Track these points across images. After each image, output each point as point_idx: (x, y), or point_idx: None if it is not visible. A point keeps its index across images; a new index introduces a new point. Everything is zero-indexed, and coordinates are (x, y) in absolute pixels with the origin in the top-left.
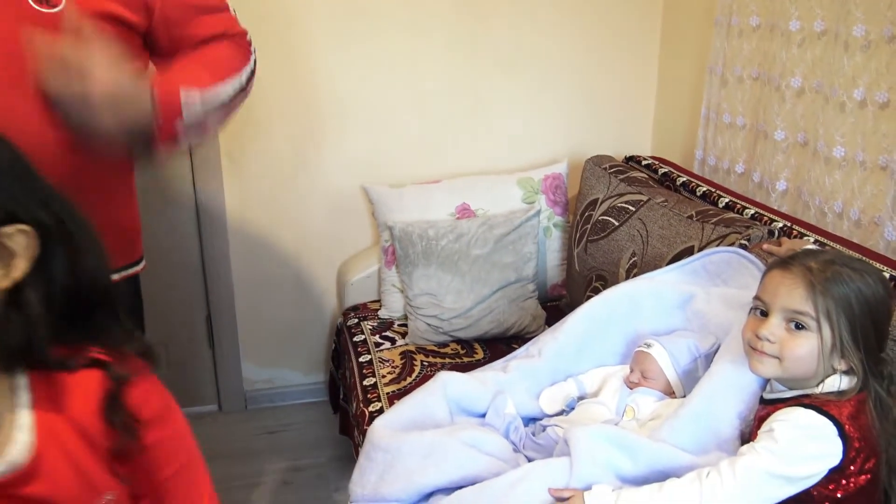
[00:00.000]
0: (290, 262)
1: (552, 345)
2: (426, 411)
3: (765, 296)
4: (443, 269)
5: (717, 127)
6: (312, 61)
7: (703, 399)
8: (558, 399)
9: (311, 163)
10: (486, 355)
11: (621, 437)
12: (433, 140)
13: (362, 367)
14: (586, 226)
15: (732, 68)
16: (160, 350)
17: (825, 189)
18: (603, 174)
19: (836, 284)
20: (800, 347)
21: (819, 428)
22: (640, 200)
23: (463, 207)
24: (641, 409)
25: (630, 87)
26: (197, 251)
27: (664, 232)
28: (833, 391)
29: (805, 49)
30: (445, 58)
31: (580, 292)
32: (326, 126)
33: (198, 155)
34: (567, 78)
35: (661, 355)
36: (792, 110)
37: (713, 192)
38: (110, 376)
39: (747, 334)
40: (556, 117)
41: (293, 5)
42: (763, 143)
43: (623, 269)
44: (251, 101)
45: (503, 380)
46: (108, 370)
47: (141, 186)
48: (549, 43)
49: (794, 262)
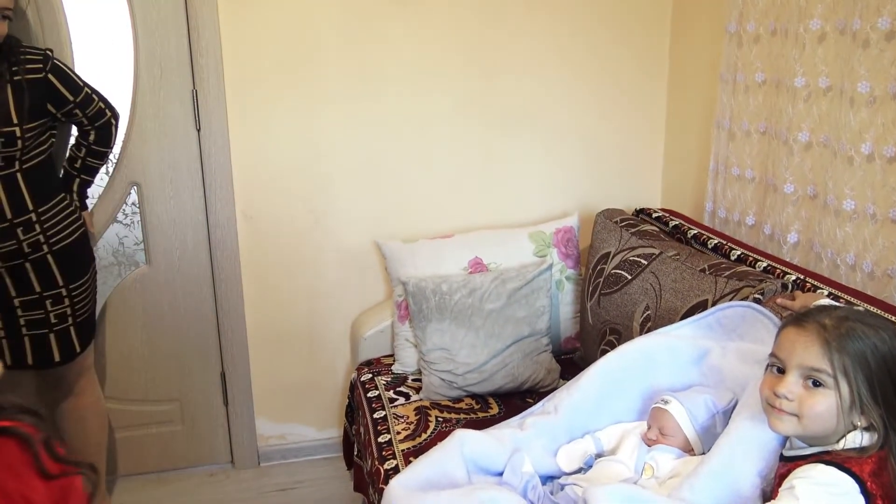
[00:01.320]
0: (304, 317)
1: (568, 401)
2: (443, 470)
3: (781, 353)
4: (456, 324)
5: (726, 180)
6: (324, 120)
7: (723, 457)
8: (576, 457)
9: (324, 219)
10: (500, 410)
11: (640, 496)
12: (445, 195)
13: (377, 423)
14: (599, 279)
15: (740, 122)
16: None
17: (837, 241)
18: (614, 227)
19: (852, 340)
20: (818, 405)
21: (841, 485)
22: (652, 254)
23: (475, 262)
24: (660, 467)
25: (638, 140)
26: (211, 307)
27: (677, 285)
28: (854, 447)
29: (811, 104)
30: (455, 114)
31: (594, 345)
32: (339, 183)
33: (213, 214)
34: (576, 133)
35: (678, 412)
36: (800, 164)
37: (725, 245)
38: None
39: (765, 392)
40: (565, 171)
41: (306, 65)
42: (773, 196)
43: (637, 322)
44: (266, 161)
45: (520, 437)
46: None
47: (157, 245)
48: (558, 98)
49: (809, 319)
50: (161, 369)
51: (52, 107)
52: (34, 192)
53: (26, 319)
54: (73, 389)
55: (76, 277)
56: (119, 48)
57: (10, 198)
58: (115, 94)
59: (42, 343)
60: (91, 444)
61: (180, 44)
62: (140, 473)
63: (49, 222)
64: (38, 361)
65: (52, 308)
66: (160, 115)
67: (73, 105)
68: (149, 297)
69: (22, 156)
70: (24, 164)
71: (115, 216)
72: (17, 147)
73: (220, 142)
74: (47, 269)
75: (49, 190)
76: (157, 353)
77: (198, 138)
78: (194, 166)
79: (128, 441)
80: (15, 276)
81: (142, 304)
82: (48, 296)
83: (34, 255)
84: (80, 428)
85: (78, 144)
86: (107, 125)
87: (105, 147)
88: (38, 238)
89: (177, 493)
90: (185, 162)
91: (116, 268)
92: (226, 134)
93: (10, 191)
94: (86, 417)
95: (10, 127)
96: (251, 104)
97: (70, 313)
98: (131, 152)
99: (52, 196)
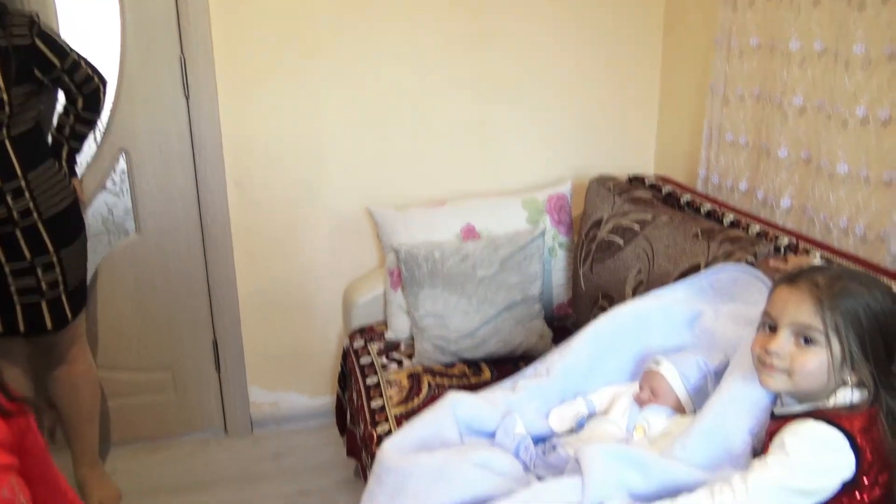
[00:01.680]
0: (296, 285)
1: (560, 363)
2: (436, 432)
3: (773, 311)
4: (449, 291)
5: (719, 145)
6: (316, 88)
7: (714, 415)
8: (568, 418)
9: (316, 186)
10: (493, 375)
11: (633, 454)
12: (437, 162)
13: (369, 389)
14: (591, 245)
15: (734, 88)
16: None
17: (830, 205)
18: (607, 194)
19: (844, 299)
20: (809, 362)
21: (831, 440)
22: (645, 219)
23: (468, 229)
24: (652, 427)
25: (632, 107)
26: (203, 275)
27: (670, 250)
28: (844, 404)
29: (805, 68)
30: (448, 81)
31: (586, 311)
32: (331, 150)
33: (203, 181)
34: (569, 99)
35: (670, 373)
36: (794, 128)
37: (718, 210)
38: None
39: (756, 350)
40: (559, 138)
41: (297, 32)
42: (766, 161)
43: (629, 287)
44: (257, 128)
45: (512, 399)
46: None
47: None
48: (551, 65)
49: (802, 278)
50: (153, 338)
51: (40, 72)
52: (23, 158)
53: (17, 287)
54: (65, 357)
55: (67, 245)
56: (105, 13)
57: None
58: (102, 60)
59: (34, 310)
60: (83, 411)
61: (167, 9)
62: (133, 441)
63: (39, 189)
64: (30, 329)
65: (43, 275)
66: (148, 82)
67: (61, 71)
68: (139, 265)
69: (10, 122)
70: (13, 131)
71: (104, 184)
72: (4, 113)
73: (209, 109)
74: (38, 236)
75: (38, 156)
76: (148, 321)
77: (186, 105)
78: (183, 134)
79: (121, 409)
80: (5, 244)
81: (132, 272)
82: (39, 263)
83: (24, 221)
84: (72, 396)
85: (66, 111)
86: (94, 91)
87: (93, 114)
88: (28, 205)
89: (170, 460)
90: (174, 129)
91: (106, 236)
92: (215, 101)
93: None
94: (78, 385)
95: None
96: (241, 71)
97: (61, 281)
98: (119, 119)
99: (41, 162)
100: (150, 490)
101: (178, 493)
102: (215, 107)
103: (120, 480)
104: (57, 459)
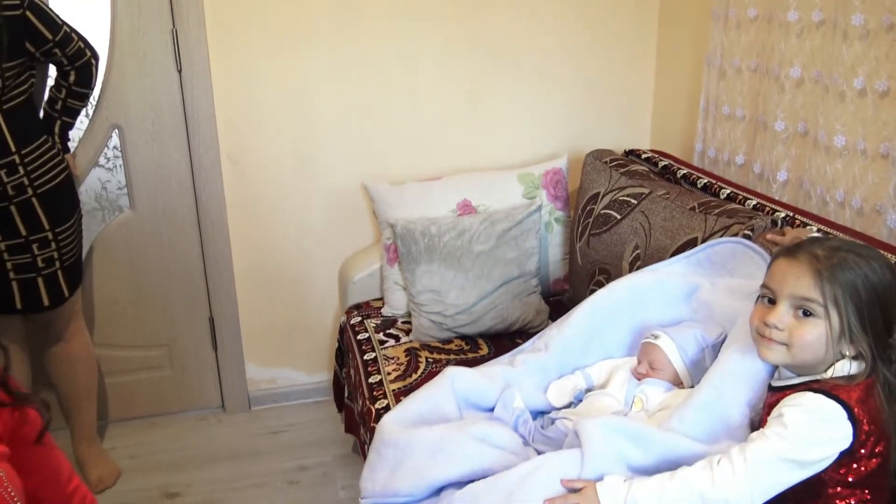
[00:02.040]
0: (292, 261)
1: (559, 338)
2: (435, 406)
3: (772, 283)
4: (445, 266)
5: (716, 119)
6: (310, 61)
7: (712, 388)
8: (566, 392)
9: (311, 162)
10: (490, 351)
11: (632, 427)
12: (432, 137)
13: (367, 364)
14: (588, 220)
15: (731, 60)
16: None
17: (826, 178)
18: (604, 168)
19: (843, 271)
20: (808, 334)
21: (828, 412)
22: (641, 193)
23: (464, 204)
24: (650, 400)
25: (628, 80)
26: (198, 252)
27: (667, 224)
28: (842, 376)
29: (804, 39)
30: (442, 54)
31: (583, 286)
32: (325, 125)
33: (197, 157)
34: (565, 72)
35: (668, 346)
36: (792, 100)
37: (714, 184)
38: None
39: (755, 322)
40: (554, 112)
41: (290, 5)
42: (763, 134)
43: (626, 261)
44: (251, 102)
45: (511, 374)
46: None
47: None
48: (547, 37)
49: (801, 250)
50: (148, 315)
51: (31, 46)
52: (16, 133)
53: (13, 263)
54: (62, 335)
55: (62, 221)
56: None
57: None
58: (93, 32)
59: (30, 287)
60: (81, 389)
61: None
62: (131, 418)
63: (33, 164)
64: (26, 306)
65: (38, 252)
66: (139, 56)
67: (52, 44)
68: (134, 242)
69: (2, 96)
70: (4, 105)
71: (97, 160)
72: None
73: (202, 83)
74: (32, 212)
75: (31, 132)
76: (143, 298)
77: (179, 80)
78: (176, 109)
79: (118, 386)
80: (0, 220)
81: (127, 249)
82: (34, 239)
83: (18, 197)
84: (69, 373)
85: (58, 85)
86: (87, 65)
87: (85, 88)
88: (23, 181)
89: (168, 437)
90: (167, 104)
91: (100, 213)
92: (208, 75)
93: None
94: (75, 363)
95: None
96: (234, 45)
97: (57, 257)
98: (111, 94)
99: (34, 138)
100: (148, 467)
101: (177, 469)
102: (208, 81)
103: (118, 457)
104: (55, 437)
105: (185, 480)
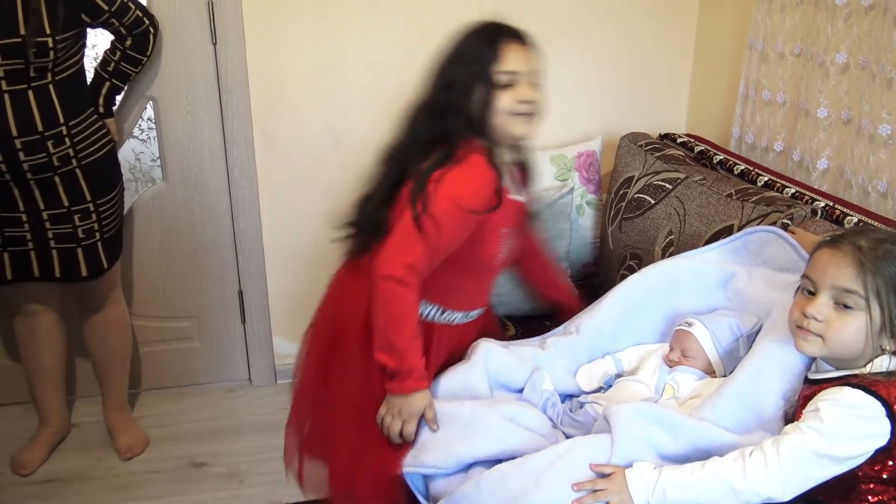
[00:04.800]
0: (322, 238)
1: (590, 322)
2: (467, 382)
3: (813, 274)
4: None
5: (755, 104)
6: (346, 36)
7: (747, 378)
8: (596, 376)
9: (344, 138)
10: (517, 332)
11: (663, 414)
12: None
13: None
14: (621, 203)
15: (773, 43)
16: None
17: (869, 168)
18: (639, 151)
19: (887, 263)
20: (847, 326)
21: (866, 408)
22: (677, 178)
23: None
24: (681, 388)
25: (665, 62)
26: (229, 225)
27: (702, 210)
28: (881, 371)
29: (852, 24)
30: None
31: (614, 270)
32: (360, 102)
33: (230, 131)
34: (601, 54)
35: (702, 334)
36: (836, 87)
37: (752, 171)
38: None
39: (794, 313)
40: (589, 94)
41: None
42: (804, 121)
43: (659, 247)
44: (284, 79)
45: (541, 356)
46: None
47: (174, 161)
48: (584, 17)
49: (844, 241)
50: (178, 286)
51: (87, 16)
52: (66, 104)
53: (54, 233)
54: (99, 305)
55: (104, 193)
56: None
57: (42, 110)
58: None
59: (70, 257)
60: (114, 358)
61: None
62: (160, 388)
63: (79, 136)
64: (65, 275)
65: (79, 223)
66: (175, 28)
67: (109, 14)
68: (166, 213)
69: (54, 67)
70: (57, 76)
71: (131, 131)
72: (49, 58)
73: (236, 57)
74: (76, 183)
75: (80, 103)
76: (174, 270)
77: (214, 53)
78: (211, 82)
79: (148, 356)
80: (44, 189)
81: (159, 220)
82: (76, 210)
83: (63, 168)
84: (103, 342)
85: (113, 48)
86: (145, 33)
87: (141, 54)
88: (68, 152)
89: (196, 407)
90: (201, 77)
91: (133, 184)
92: (243, 49)
93: (41, 103)
94: (110, 332)
95: (43, 37)
96: (269, 19)
97: (97, 229)
98: (147, 66)
99: (83, 110)
100: (176, 436)
101: (204, 439)
102: (243, 54)
103: (147, 426)
104: (87, 404)
105: (212, 451)
